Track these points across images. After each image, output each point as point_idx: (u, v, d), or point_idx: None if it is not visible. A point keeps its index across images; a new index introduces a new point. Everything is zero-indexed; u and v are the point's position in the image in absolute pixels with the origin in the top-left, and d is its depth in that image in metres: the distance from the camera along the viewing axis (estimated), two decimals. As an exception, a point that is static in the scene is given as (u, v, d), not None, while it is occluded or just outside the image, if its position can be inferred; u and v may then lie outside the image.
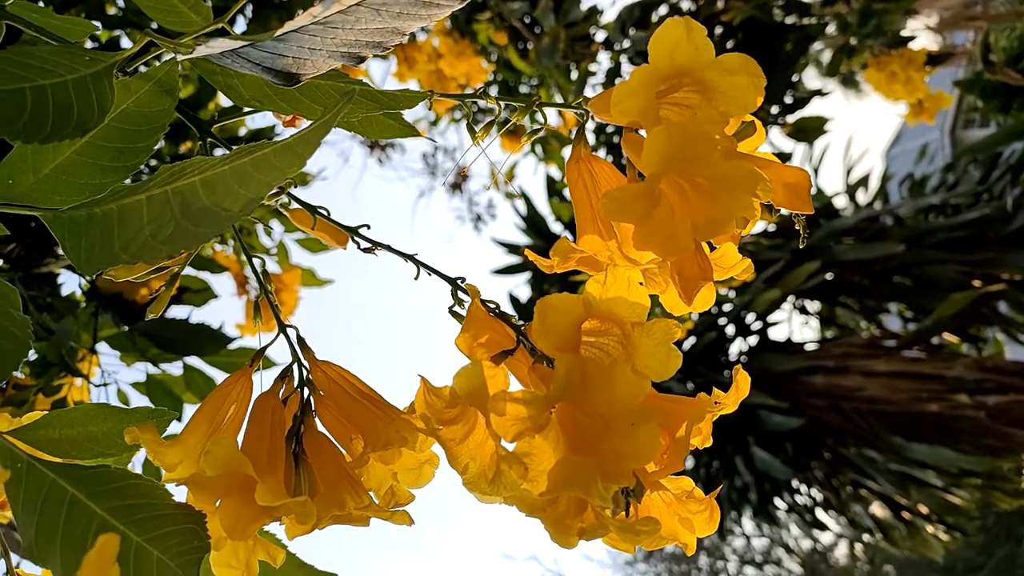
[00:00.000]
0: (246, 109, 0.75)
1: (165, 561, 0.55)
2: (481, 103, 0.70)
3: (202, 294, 1.98)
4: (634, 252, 0.59)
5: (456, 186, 7.47)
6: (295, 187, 0.79)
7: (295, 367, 0.71)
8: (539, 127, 0.67)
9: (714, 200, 0.52)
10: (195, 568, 0.56)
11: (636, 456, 0.51)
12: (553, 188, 5.37)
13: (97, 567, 0.39)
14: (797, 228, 0.60)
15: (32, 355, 1.70)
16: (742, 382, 0.58)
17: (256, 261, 0.78)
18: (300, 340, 0.72)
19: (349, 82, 0.65)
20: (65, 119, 0.55)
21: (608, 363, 0.56)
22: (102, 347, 1.88)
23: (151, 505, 0.59)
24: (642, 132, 0.57)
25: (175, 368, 1.85)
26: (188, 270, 2.07)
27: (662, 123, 0.52)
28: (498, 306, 0.65)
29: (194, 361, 1.83)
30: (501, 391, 0.52)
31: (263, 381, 0.73)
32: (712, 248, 0.63)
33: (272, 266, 2.42)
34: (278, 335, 0.71)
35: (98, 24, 2.29)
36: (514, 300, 5.78)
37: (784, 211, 0.61)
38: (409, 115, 0.76)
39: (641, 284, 0.60)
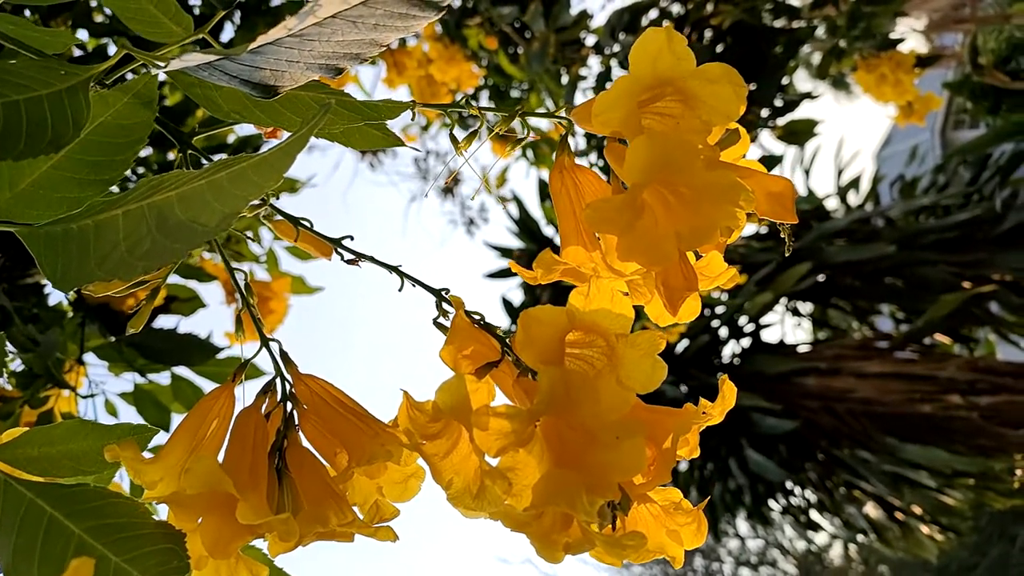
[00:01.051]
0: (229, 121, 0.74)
1: (144, 582, 0.54)
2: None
3: (190, 303, 1.97)
4: (618, 263, 0.58)
5: (448, 190, 7.46)
6: (277, 198, 0.79)
7: (278, 381, 0.71)
8: (524, 137, 0.66)
9: (697, 210, 0.51)
10: (174, 589, 0.55)
11: (622, 469, 0.50)
12: (545, 192, 5.37)
13: (69, 592, 0.38)
14: (783, 236, 0.60)
15: (18, 366, 1.68)
16: (728, 392, 0.57)
17: (240, 275, 0.78)
18: (283, 354, 0.71)
19: (330, 93, 0.64)
20: (39, 135, 0.54)
21: (593, 375, 0.56)
22: (90, 358, 1.86)
23: (131, 524, 0.58)
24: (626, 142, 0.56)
25: (163, 378, 1.84)
26: (176, 279, 2.06)
27: (644, 133, 0.52)
28: (483, 317, 0.65)
29: (182, 371, 1.81)
30: (484, 406, 0.51)
31: (249, 394, 0.72)
32: (698, 257, 0.62)
33: (262, 274, 2.40)
34: (260, 349, 0.70)
35: (83, 35, 2.27)
36: (507, 304, 5.78)
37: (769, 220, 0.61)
38: (399, 120, 0.75)
39: (625, 295, 0.60)
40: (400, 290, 0.69)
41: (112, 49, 2.40)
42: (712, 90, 0.53)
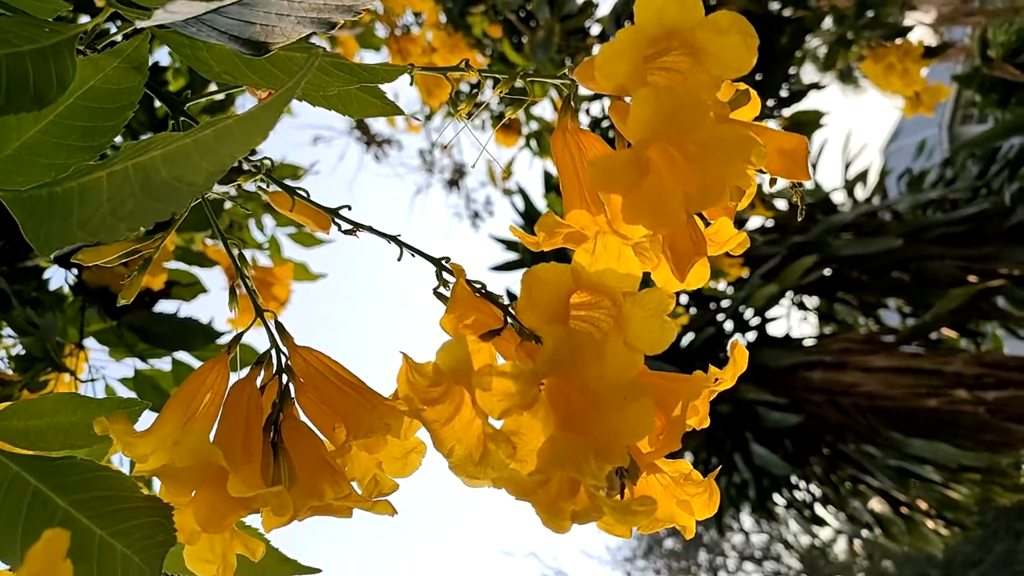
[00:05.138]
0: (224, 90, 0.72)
1: (129, 556, 0.53)
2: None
3: (191, 288, 1.95)
4: (624, 227, 0.56)
5: (453, 183, 7.44)
6: (282, 180, 0.77)
7: (273, 353, 0.69)
8: (524, 100, 0.64)
9: (706, 167, 0.49)
10: (159, 562, 0.53)
11: (630, 433, 0.48)
12: (549, 183, 5.34)
13: (44, 562, 0.36)
14: (794, 199, 0.58)
15: (18, 350, 1.67)
16: (739, 357, 0.55)
17: (236, 250, 0.76)
18: (279, 326, 0.69)
19: (324, 55, 0.62)
20: (21, 91, 0.52)
21: (599, 336, 0.53)
22: (91, 343, 1.85)
23: (117, 497, 0.56)
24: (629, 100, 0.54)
25: (164, 363, 1.82)
26: (178, 264, 2.05)
27: (648, 86, 0.49)
28: (484, 286, 0.62)
29: (183, 356, 1.80)
30: (486, 365, 0.49)
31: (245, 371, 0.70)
32: (706, 223, 0.60)
33: (264, 260, 2.39)
34: (254, 320, 0.69)
35: (86, 20, 2.26)
36: (512, 296, 5.76)
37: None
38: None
39: (632, 255, 0.57)
40: (399, 259, 0.67)
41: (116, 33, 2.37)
42: (721, 41, 0.51)
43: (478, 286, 0.62)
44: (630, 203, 0.49)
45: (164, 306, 1.88)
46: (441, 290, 0.64)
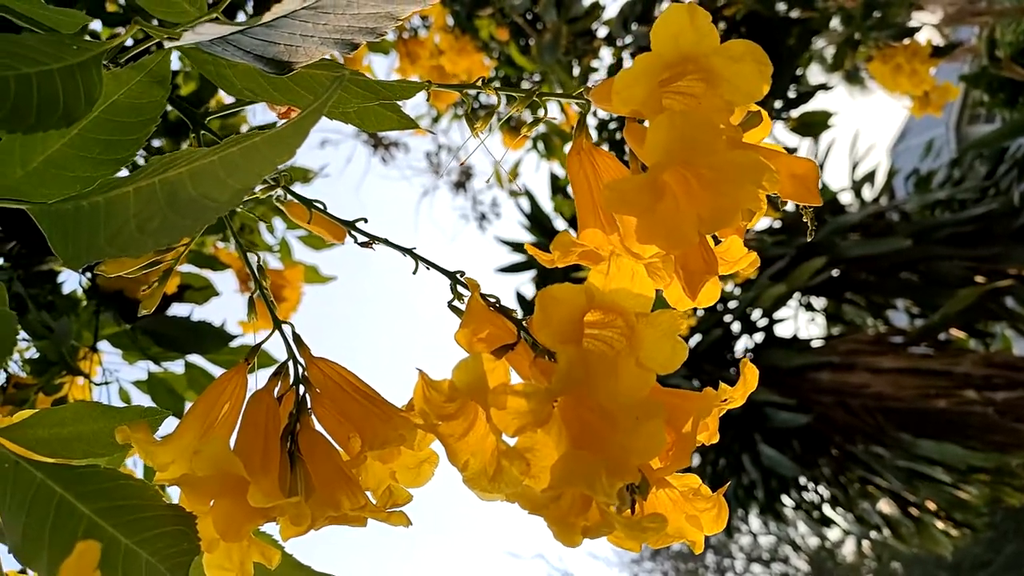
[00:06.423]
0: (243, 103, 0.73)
1: (154, 564, 0.54)
2: (482, 99, 0.69)
3: (204, 292, 1.97)
4: (637, 246, 0.57)
5: (460, 185, 7.45)
6: (293, 183, 0.78)
7: (290, 364, 0.70)
8: (540, 118, 0.65)
9: (719, 191, 0.50)
10: (184, 570, 0.54)
11: (641, 451, 0.49)
12: (556, 185, 5.35)
13: (76, 574, 0.38)
14: (805, 220, 0.59)
15: (33, 354, 1.69)
16: (749, 375, 0.56)
17: (253, 257, 0.77)
18: (296, 336, 0.71)
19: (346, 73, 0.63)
20: (51, 109, 0.53)
21: (612, 355, 0.55)
22: (104, 346, 1.87)
23: (141, 506, 0.57)
24: (645, 123, 0.55)
25: (177, 366, 1.84)
26: (190, 268, 2.06)
27: (665, 111, 0.50)
28: (498, 300, 0.64)
29: (196, 359, 1.81)
30: (501, 384, 0.50)
31: (263, 382, 0.72)
32: (717, 242, 0.61)
33: (275, 263, 2.40)
34: (273, 331, 0.70)
35: (97, 26, 2.28)
36: (520, 298, 5.77)
37: (791, 203, 0.59)
38: (411, 112, 0.74)
39: (645, 276, 0.58)
40: (414, 272, 0.69)
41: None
42: (735, 68, 0.52)
43: (492, 300, 0.63)
44: (644, 224, 0.50)
45: (177, 309, 1.90)
46: (456, 304, 0.65)
